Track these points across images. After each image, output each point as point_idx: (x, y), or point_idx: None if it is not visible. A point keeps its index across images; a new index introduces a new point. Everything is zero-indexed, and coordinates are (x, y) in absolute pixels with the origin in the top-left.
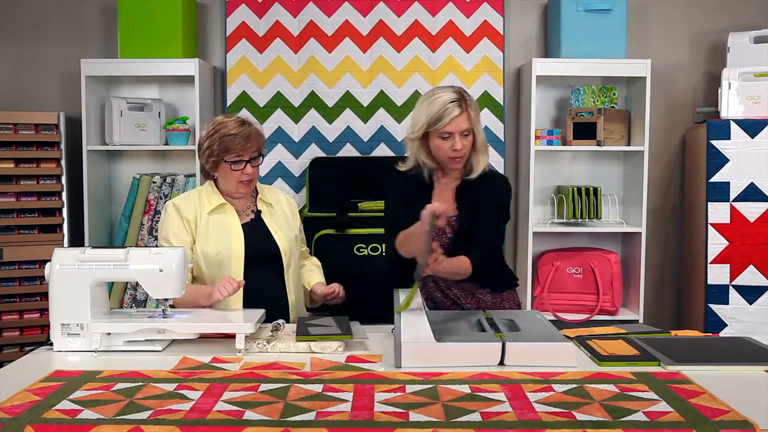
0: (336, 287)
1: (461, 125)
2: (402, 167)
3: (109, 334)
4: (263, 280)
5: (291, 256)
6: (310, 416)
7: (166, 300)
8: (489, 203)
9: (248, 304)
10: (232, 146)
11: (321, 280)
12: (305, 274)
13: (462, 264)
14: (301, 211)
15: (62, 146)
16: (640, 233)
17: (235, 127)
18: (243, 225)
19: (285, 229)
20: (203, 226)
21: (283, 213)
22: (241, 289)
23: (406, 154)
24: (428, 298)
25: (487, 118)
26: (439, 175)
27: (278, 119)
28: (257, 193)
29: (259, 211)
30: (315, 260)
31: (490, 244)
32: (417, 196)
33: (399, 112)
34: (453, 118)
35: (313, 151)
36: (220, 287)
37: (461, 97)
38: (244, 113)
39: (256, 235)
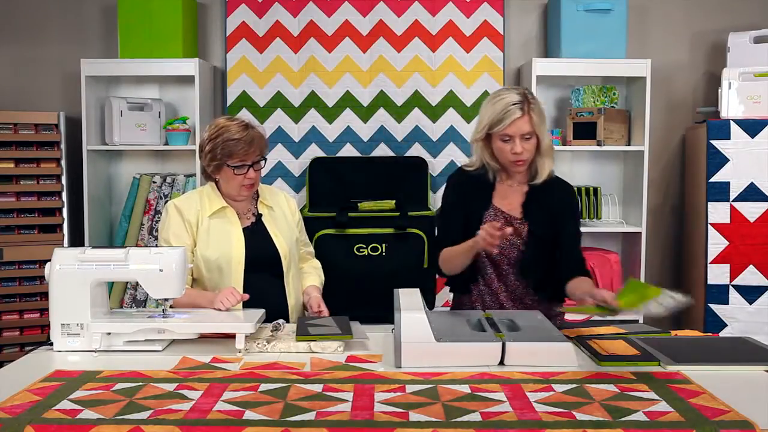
0: (324, 311)
1: (522, 128)
2: (468, 167)
3: (109, 334)
4: (263, 284)
5: (291, 260)
6: (310, 416)
7: (166, 300)
8: (568, 214)
9: (248, 308)
10: (235, 151)
11: (315, 284)
12: (302, 277)
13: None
14: (301, 211)
15: (62, 146)
16: (640, 233)
17: (238, 131)
18: (244, 229)
19: (285, 232)
20: (204, 230)
21: (284, 215)
22: (241, 291)
23: (471, 155)
24: (474, 304)
25: None
26: (504, 177)
27: (278, 119)
28: (258, 196)
29: (260, 215)
30: (315, 263)
31: (583, 258)
32: (475, 194)
33: (399, 112)
34: (514, 120)
35: (313, 151)
36: (223, 298)
37: (525, 99)
38: (245, 113)
39: (257, 239)
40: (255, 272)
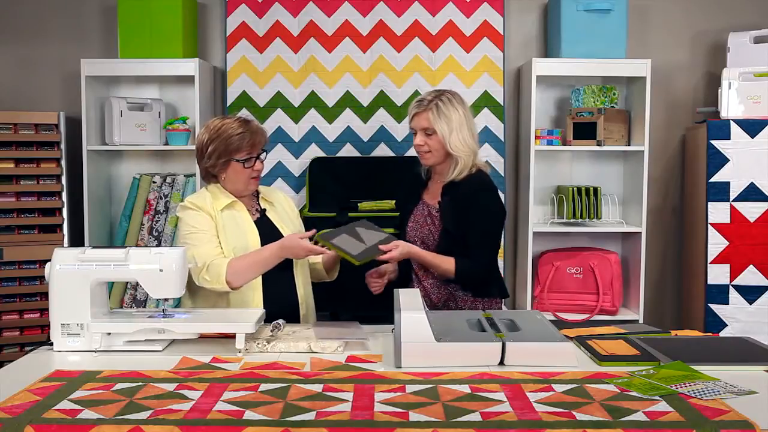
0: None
1: (420, 123)
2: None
3: (109, 334)
4: (274, 276)
5: None
6: (310, 416)
7: (166, 300)
8: (471, 209)
9: (264, 298)
10: (242, 145)
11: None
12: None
13: (444, 263)
14: (301, 211)
15: (62, 146)
16: (640, 233)
17: (239, 126)
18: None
19: (290, 225)
20: (220, 224)
21: (285, 211)
22: (260, 282)
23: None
24: None
25: (487, 118)
26: (433, 173)
27: (278, 119)
28: (258, 193)
29: (264, 209)
30: None
31: (484, 256)
32: (412, 190)
33: (399, 112)
34: (413, 115)
35: (313, 151)
36: (305, 251)
37: (431, 99)
38: (244, 113)
39: (266, 231)
40: None
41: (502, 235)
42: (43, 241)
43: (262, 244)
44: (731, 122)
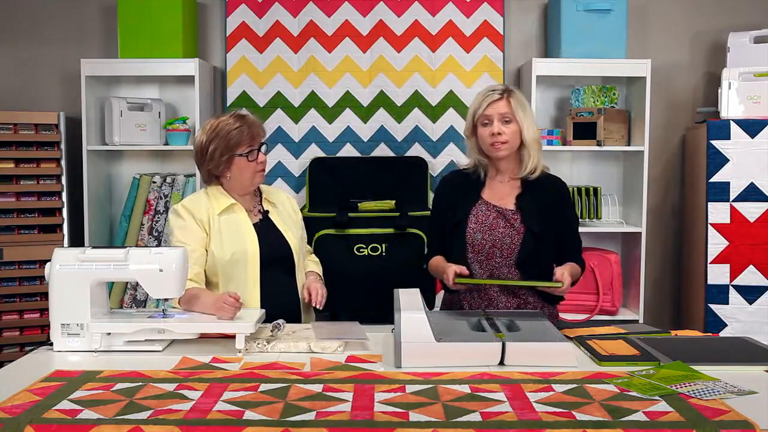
0: (315, 299)
1: (499, 109)
2: (463, 167)
3: (109, 334)
4: (277, 281)
5: (300, 255)
6: (310, 416)
7: (166, 300)
8: (563, 207)
9: (263, 303)
10: (242, 139)
11: (316, 270)
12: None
13: (577, 270)
14: (300, 211)
15: (62, 146)
16: (640, 233)
17: (235, 121)
18: (253, 225)
19: (293, 227)
20: (216, 229)
21: (288, 213)
22: (258, 289)
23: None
24: (463, 302)
25: None
26: (493, 173)
27: (278, 119)
28: (261, 194)
29: (267, 211)
30: (314, 257)
31: (581, 252)
32: (463, 190)
33: (399, 112)
34: (491, 102)
35: (313, 151)
36: (223, 310)
37: (505, 89)
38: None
39: (268, 234)
40: (268, 268)
41: None
42: (43, 241)
43: (262, 248)
44: (731, 122)
